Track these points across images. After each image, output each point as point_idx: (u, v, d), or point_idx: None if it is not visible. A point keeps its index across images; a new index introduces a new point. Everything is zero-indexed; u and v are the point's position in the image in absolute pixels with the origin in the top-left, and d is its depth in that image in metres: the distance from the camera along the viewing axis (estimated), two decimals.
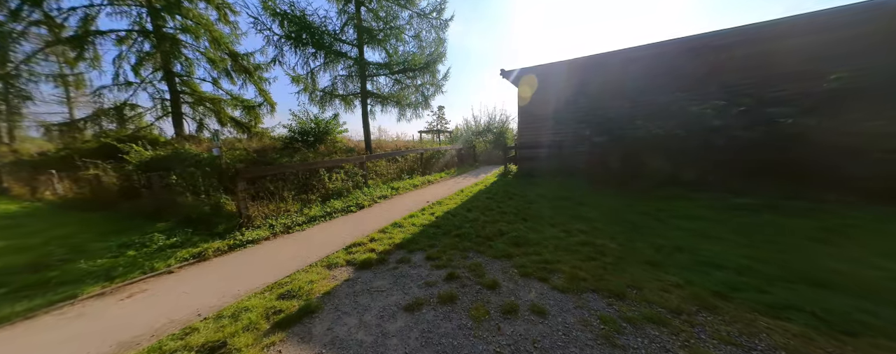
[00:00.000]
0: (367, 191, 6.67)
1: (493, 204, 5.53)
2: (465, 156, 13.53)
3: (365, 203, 6.02)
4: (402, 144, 12.98)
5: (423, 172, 9.75)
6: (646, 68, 6.83)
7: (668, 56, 6.58)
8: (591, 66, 7.56)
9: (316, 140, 10.85)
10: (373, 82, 11.29)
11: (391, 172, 8.75)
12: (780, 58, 5.47)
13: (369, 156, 7.59)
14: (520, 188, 7.05)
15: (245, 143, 11.19)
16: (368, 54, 10.55)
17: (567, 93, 7.95)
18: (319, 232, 4.45)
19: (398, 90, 11.50)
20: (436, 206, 5.68)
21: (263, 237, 4.08)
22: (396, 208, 5.80)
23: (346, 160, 6.83)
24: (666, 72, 6.60)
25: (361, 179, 6.99)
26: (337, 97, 11.02)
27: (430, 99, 11.53)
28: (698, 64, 6.23)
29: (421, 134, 15.52)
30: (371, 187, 7.07)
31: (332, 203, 5.73)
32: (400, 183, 7.83)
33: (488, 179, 9.05)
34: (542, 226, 4.09)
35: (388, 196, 6.86)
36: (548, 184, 7.22)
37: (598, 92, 7.40)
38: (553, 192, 6.37)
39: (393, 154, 8.63)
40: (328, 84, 10.55)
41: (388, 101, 11.59)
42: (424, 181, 8.72)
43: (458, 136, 15.87)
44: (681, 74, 6.43)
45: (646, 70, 6.83)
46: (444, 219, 4.65)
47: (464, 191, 7.10)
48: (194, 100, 13.49)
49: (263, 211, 4.65)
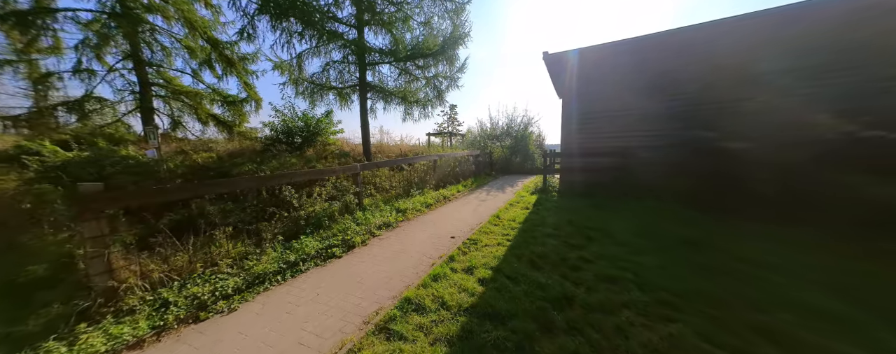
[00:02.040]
0: (363, 218, 4.53)
1: (568, 252, 3.35)
2: (482, 164, 11.42)
3: (356, 239, 3.87)
4: (408, 148, 10.88)
5: (437, 184, 7.62)
6: (809, 37, 4.51)
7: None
8: (695, 42, 5.38)
9: (304, 142, 8.82)
10: (374, 72, 9.26)
11: (396, 185, 6.63)
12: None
13: (367, 165, 5.47)
14: (586, 216, 4.87)
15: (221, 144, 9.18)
16: (371, 39, 8.53)
17: (646, 82, 5.80)
18: (257, 320, 2.31)
19: (405, 83, 9.45)
20: (469, 251, 3.51)
21: (129, 341, 1.94)
22: (406, 252, 3.65)
23: (331, 171, 4.68)
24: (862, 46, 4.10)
25: (354, 198, 4.86)
26: (330, 90, 8.98)
27: (445, 93, 9.46)
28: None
29: (429, 136, 13.51)
30: (368, 210, 4.93)
31: (304, 242, 3.59)
32: (407, 203, 5.69)
33: (522, 196, 6.90)
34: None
35: (392, 224, 4.71)
36: (625, 210, 5.04)
37: (706, 79, 5.24)
38: (653, 226, 4.18)
39: (398, 161, 6.54)
40: (319, 73, 8.50)
41: (393, 97, 9.54)
42: (439, 197, 6.59)
43: (471, 141, 13.78)
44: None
45: (810, 39, 4.53)
46: (498, 294, 2.49)
47: (501, 219, 4.94)
48: (168, 93, 11.56)
49: (161, 268, 2.53)
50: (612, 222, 4.37)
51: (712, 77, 5.11)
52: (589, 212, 5.01)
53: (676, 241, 3.55)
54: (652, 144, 5.74)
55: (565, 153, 7.13)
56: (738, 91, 4.85)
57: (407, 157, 7.49)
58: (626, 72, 6.04)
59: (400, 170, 7.69)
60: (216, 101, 11.61)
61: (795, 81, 4.41)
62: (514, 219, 4.80)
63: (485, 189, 8.53)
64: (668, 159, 5.56)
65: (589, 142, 6.63)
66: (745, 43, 4.82)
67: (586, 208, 5.32)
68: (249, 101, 11.58)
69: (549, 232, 4.03)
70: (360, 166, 4.94)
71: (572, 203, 5.75)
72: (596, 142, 6.48)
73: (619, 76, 6.13)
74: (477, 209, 5.90)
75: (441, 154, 7.83)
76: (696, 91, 5.27)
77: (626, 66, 6.01)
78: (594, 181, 6.41)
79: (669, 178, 5.53)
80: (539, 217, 4.88)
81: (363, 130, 8.56)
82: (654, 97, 5.68)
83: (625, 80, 6.06)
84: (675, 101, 5.45)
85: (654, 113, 5.71)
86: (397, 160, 6.22)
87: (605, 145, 6.35)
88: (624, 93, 6.05)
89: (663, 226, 4.10)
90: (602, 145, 6.39)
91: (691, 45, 5.31)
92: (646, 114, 5.80)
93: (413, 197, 6.25)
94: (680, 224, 4.21)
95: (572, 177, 6.93)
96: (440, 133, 16.24)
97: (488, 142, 13.48)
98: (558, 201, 6.03)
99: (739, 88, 4.84)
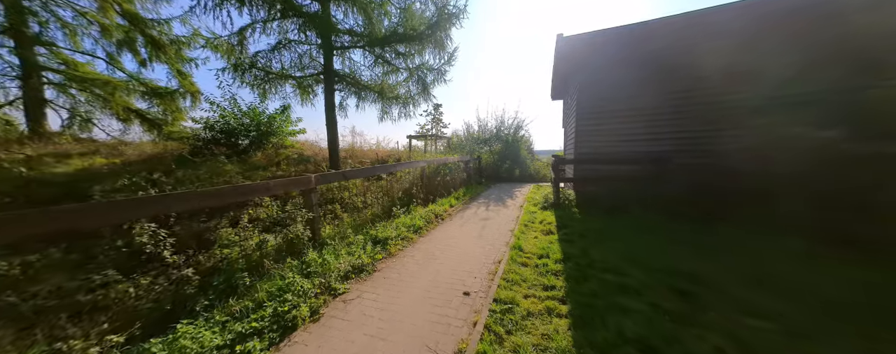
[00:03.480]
0: (318, 262, 2.82)
1: (682, 331, 1.93)
2: (472, 171, 10.01)
3: (299, 312, 2.17)
4: (386, 153, 9.21)
5: (426, 197, 6.04)
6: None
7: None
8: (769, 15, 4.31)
9: (252, 143, 6.86)
10: (343, 59, 7.54)
11: (373, 202, 4.96)
12: None
13: (328, 176, 3.73)
14: (646, 247, 3.54)
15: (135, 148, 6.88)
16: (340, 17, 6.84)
17: (692, 70, 4.70)
18: None
19: (382, 74, 7.82)
20: (505, 336, 1.98)
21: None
22: (390, 340, 2.02)
23: (255, 188, 2.78)
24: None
25: (304, 230, 3.11)
26: (286, 79, 7.11)
27: (431, 88, 7.95)
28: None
29: (410, 139, 11.92)
30: (329, 246, 3.23)
31: (182, 335, 1.85)
32: (389, 229, 4.06)
33: (532, 212, 5.53)
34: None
35: (366, 267, 3.05)
36: (687, 235, 3.79)
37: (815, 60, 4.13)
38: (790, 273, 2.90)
39: (375, 169, 4.88)
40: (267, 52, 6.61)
41: (368, 92, 7.87)
42: (430, 216, 5.01)
43: (458, 145, 12.38)
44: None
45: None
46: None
47: (525, 252, 3.47)
48: (67, 81, 8.90)
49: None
50: (697, 259, 3.05)
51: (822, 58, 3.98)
52: (642, 241, 3.70)
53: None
54: (689, 150, 4.63)
55: (581, 159, 5.89)
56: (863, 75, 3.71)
57: (386, 164, 5.84)
58: (674, 59, 4.91)
59: (377, 180, 6.02)
60: (138, 93, 9.18)
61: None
62: (546, 254, 3.35)
63: (481, 201, 7.08)
64: (713, 168, 4.41)
65: (604, 147, 5.43)
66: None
67: (631, 232, 4.01)
68: (185, 94, 9.30)
69: (616, 282, 2.61)
70: (314, 178, 3.19)
71: (606, 224, 4.44)
72: (613, 148, 5.30)
73: (655, 65, 5.01)
74: (483, 233, 4.41)
75: (429, 160, 6.28)
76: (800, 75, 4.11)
77: (678, 50, 4.88)
78: (622, 192, 5.19)
79: (708, 191, 4.40)
80: (578, 249, 3.47)
81: (329, 130, 6.78)
82: (696, 90, 4.58)
83: (658, 71, 4.94)
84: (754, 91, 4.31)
85: (696, 109, 4.57)
86: (374, 168, 4.59)
87: (624, 150, 5.18)
88: (653, 88, 4.92)
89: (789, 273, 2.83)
90: (620, 151, 5.21)
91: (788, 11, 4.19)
92: (690, 112, 4.68)
93: (396, 217, 4.62)
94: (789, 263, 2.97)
95: (591, 188, 5.69)
96: (423, 135, 14.66)
97: (476, 146, 12.15)
98: (584, 220, 4.70)
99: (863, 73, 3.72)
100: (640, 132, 5.16)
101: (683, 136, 4.82)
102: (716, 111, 4.56)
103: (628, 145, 5.28)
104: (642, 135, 5.15)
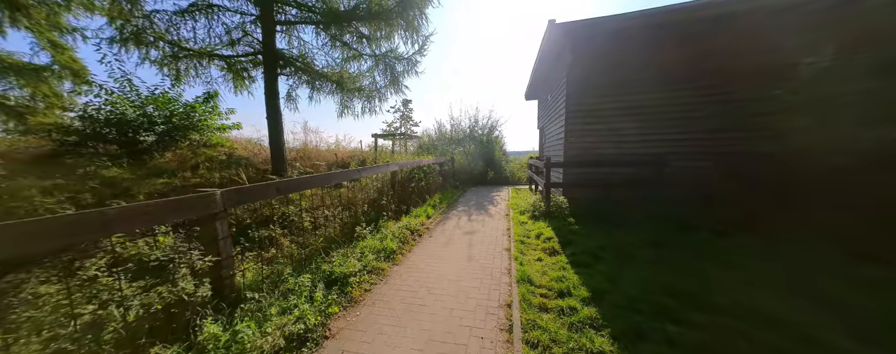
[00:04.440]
0: (222, 343, 1.65)
1: None
2: (447, 174, 9.10)
3: None
4: (348, 154, 7.91)
5: (399, 208, 4.95)
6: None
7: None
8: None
9: (160, 140, 5.13)
10: (290, 37, 6.13)
11: (331, 219, 3.76)
12: None
13: (248, 192, 2.44)
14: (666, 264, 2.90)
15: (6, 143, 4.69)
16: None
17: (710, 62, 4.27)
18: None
19: (341, 60, 6.56)
20: None
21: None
22: None
23: (99, 222, 1.30)
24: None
25: (199, 285, 1.91)
26: (211, 59, 5.51)
27: (402, 79, 6.87)
28: None
29: (376, 139, 10.64)
30: (252, 300, 2.05)
31: None
32: (351, 261, 2.94)
33: (523, 223, 4.78)
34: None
35: (313, 334, 1.95)
36: (712, 251, 3.25)
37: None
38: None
39: (332, 177, 3.64)
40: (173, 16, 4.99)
41: (323, 82, 6.54)
42: (403, 232, 3.97)
43: (429, 145, 11.38)
44: None
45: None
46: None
47: (535, 288, 2.62)
48: None
49: None
50: (757, 287, 2.42)
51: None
52: (673, 263, 3.08)
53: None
54: (730, 150, 4.23)
55: (571, 162, 5.30)
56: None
57: (347, 170, 4.67)
58: (688, 50, 4.46)
59: (336, 187, 4.80)
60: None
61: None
62: (566, 288, 2.53)
63: (461, 209, 6.20)
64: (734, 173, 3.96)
65: (610, 146, 4.90)
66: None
67: (652, 251, 3.39)
68: (65, 74, 7.01)
69: (680, 336, 1.85)
70: (222, 196, 1.93)
71: (615, 239, 3.80)
72: (624, 147, 4.78)
73: (669, 57, 4.54)
74: (473, 253, 3.51)
75: (402, 163, 5.22)
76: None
77: (694, 40, 4.43)
78: (621, 199, 4.66)
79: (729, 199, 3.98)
80: (602, 279, 2.71)
81: (271, 125, 5.35)
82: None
83: (684, 61, 4.48)
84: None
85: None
86: (330, 175, 3.39)
87: (635, 151, 4.69)
88: (663, 80, 4.47)
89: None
90: (633, 151, 4.71)
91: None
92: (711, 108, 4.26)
93: (361, 239, 3.50)
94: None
95: (585, 194, 5.11)
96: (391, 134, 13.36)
97: (449, 146, 11.28)
98: (588, 234, 4.04)
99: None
100: (642, 131, 4.69)
101: (692, 137, 4.42)
102: (736, 109, 4.21)
103: (628, 146, 4.79)
104: (645, 135, 4.68)
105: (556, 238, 3.93)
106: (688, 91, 4.44)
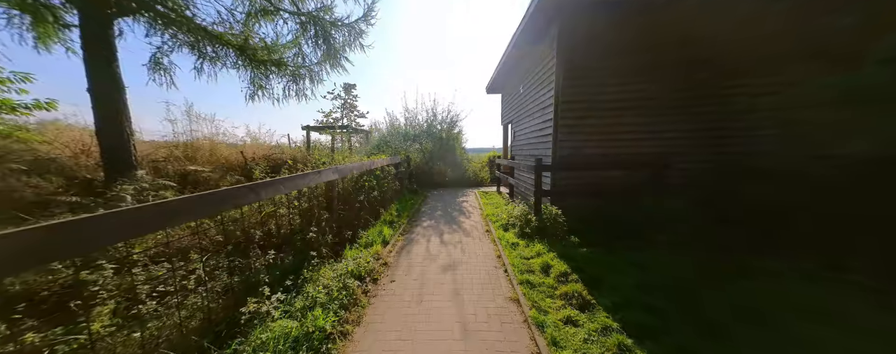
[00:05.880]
0: None
1: None
2: (404, 177, 7.57)
3: None
4: (265, 152, 5.82)
5: (340, 238, 3.32)
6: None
7: None
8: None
9: None
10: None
11: (199, 278, 2.01)
12: None
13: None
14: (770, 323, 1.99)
15: None
16: None
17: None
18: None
19: (245, 15, 4.49)
20: None
21: None
22: None
23: None
24: None
25: None
26: None
27: (341, 52, 5.09)
28: None
29: (308, 132, 8.41)
30: None
31: None
32: None
33: (515, 244, 3.64)
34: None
35: None
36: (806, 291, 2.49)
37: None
38: None
39: (228, 193, 1.78)
40: None
41: (218, 45, 4.40)
42: (348, 283, 2.44)
43: (380, 141, 9.60)
44: None
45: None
46: None
47: None
48: None
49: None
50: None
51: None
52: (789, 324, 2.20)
53: None
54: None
55: (557, 166, 4.37)
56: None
57: (256, 181, 2.90)
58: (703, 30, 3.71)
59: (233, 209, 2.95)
60: None
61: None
62: None
63: (427, 225, 4.84)
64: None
65: (610, 146, 4.05)
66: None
67: (724, 297, 2.52)
68: None
69: None
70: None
71: (659, 270, 2.88)
72: (610, 150, 3.96)
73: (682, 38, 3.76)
74: (465, 317, 2.20)
75: (345, 166, 3.56)
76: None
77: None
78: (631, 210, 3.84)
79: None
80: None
81: (98, 104, 3.14)
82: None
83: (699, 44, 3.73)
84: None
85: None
86: (228, 190, 1.64)
87: (649, 150, 3.90)
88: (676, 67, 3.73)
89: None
90: (644, 150, 3.92)
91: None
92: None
93: (258, 325, 1.86)
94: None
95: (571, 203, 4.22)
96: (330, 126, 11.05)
97: (403, 143, 9.69)
98: (610, 262, 3.06)
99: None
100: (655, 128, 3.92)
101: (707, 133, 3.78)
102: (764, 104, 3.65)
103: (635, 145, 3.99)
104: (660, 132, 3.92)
105: (572, 272, 2.85)
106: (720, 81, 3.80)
